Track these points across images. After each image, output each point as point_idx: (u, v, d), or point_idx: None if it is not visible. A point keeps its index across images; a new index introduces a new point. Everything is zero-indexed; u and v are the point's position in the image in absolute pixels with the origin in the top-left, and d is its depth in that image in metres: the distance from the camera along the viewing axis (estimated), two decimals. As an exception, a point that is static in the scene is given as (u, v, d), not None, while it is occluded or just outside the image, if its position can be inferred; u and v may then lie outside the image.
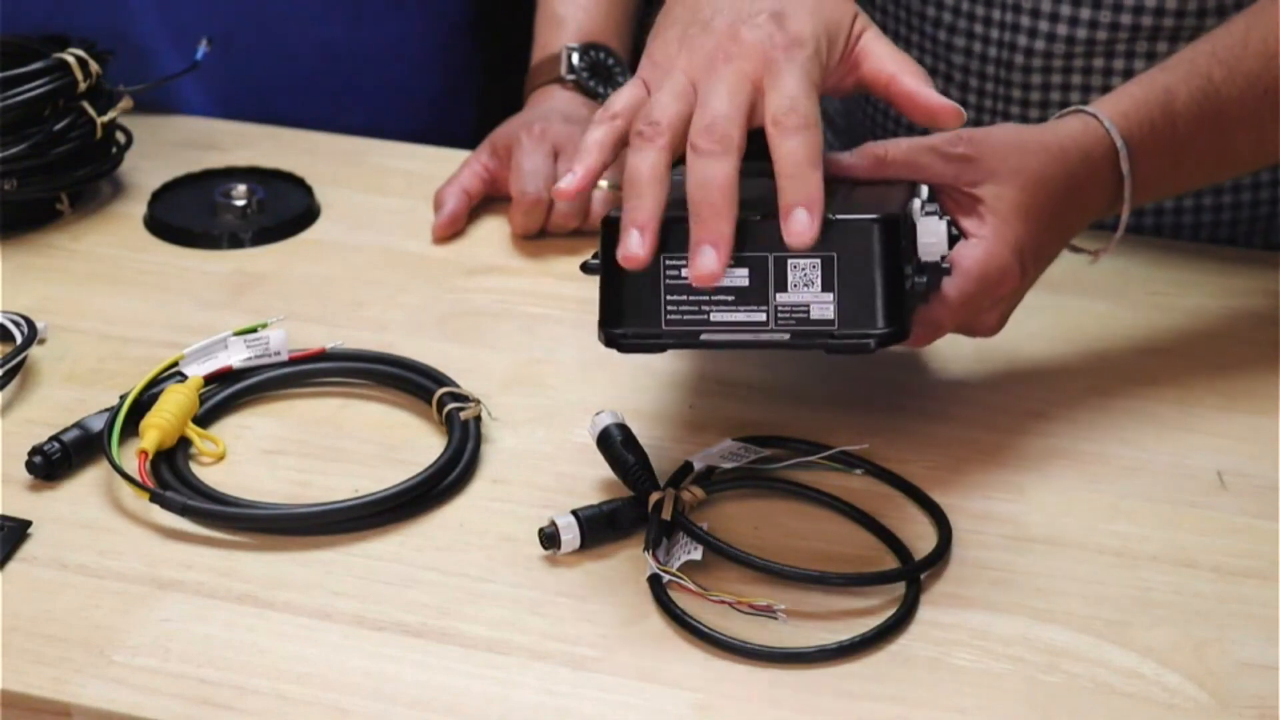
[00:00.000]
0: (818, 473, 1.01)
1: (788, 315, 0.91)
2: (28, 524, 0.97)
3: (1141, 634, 0.90)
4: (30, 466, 1.00)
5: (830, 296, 0.91)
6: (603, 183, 1.26)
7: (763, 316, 0.91)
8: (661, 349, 0.93)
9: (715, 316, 0.91)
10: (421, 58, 1.56)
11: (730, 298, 0.91)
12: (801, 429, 1.04)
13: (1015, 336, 1.13)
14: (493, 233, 1.29)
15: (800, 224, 0.88)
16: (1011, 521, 0.98)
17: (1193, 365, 1.12)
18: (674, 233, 0.91)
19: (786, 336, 0.91)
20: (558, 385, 1.10)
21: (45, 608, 0.91)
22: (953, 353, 1.12)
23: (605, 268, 0.93)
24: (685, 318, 0.92)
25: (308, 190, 1.33)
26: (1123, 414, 1.07)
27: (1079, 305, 1.18)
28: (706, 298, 0.91)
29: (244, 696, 0.86)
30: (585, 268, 0.96)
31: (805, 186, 0.89)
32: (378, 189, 1.34)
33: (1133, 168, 1.03)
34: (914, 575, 0.93)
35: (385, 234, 1.28)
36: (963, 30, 1.27)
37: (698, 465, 0.99)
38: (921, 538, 0.96)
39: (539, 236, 1.26)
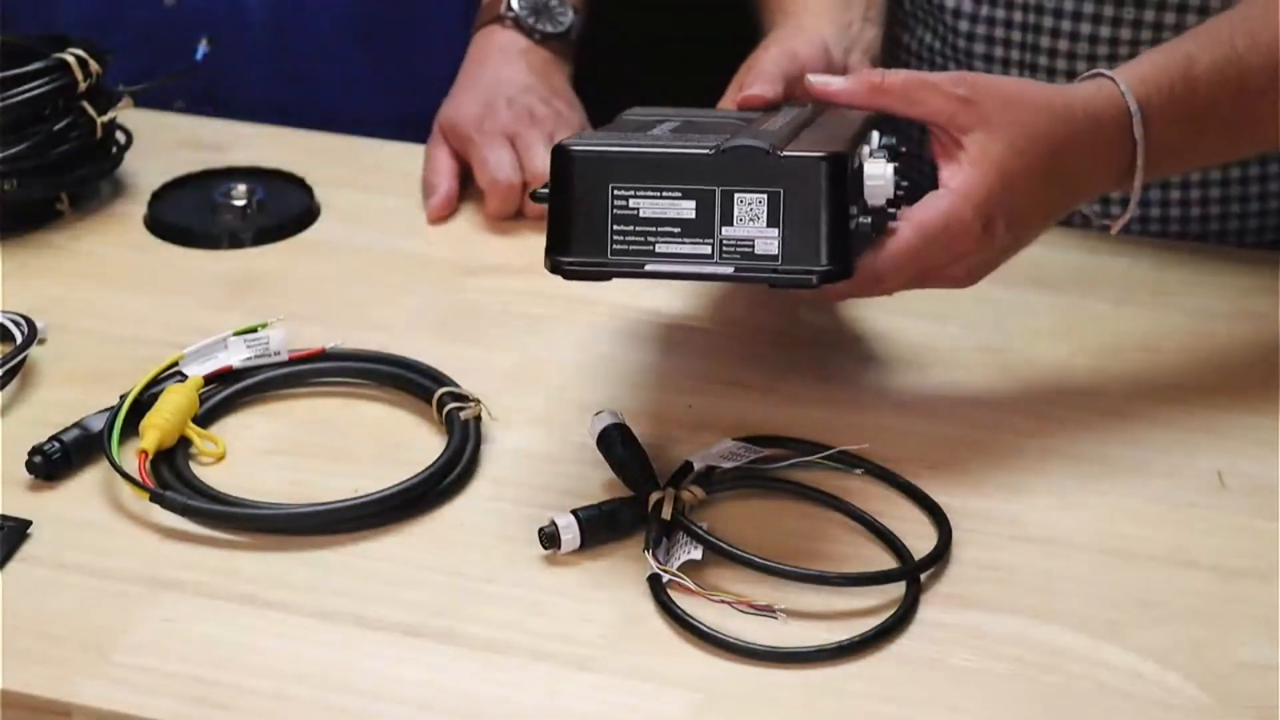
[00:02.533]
0: (818, 473, 1.01)
1: (733, 249, 0.91)
2: (28, 524, 0.96)
3: (1141, 634, 0.90)
4: (30, 466, 1.00)
5: (775, 232, 0.91)
6: None
7: (708, 249, 0.91)
8: (606, 277, 0.93)
9: (660, 248, 0.91)
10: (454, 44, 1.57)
11: (676, 230, 0.91)
12: (801, 429, 1.04)
13: (1015, 336, 1.13)
14: (493, 233, 1.29)
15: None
16: (1011, 521, 0.98)
17: (1193, 365, 1.12)
18: (623, 163, 0.91)
19: (730, 270, 0.91)
20: (558, 385, 1.10)
21: (45, 608, 0.91)
22: (953, 352, 1.12)
23: (554, 196, 0.93)
24: (631, 248, 0.92)
25: (308, 190, 1.33)
26: (1123, 414, 1.07)
27: (1079, 305, 1.18)
28: (653, 229, 0.91)
29: (244, 696, 0.86)
30: (535, 196, 0.97)
31: None
32: (378, 189, 1.34)
33: (1147, 134, 1.00)
34: (914, 575, 0.93)
35: (385, 234, 1.28)
36: (984, 20, 1.27)
37: (698, 465, 0.99)
38: (921, 538, 0.96)
39: (526, 229, 1.27)
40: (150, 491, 0.96)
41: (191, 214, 1.29)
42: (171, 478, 0.99)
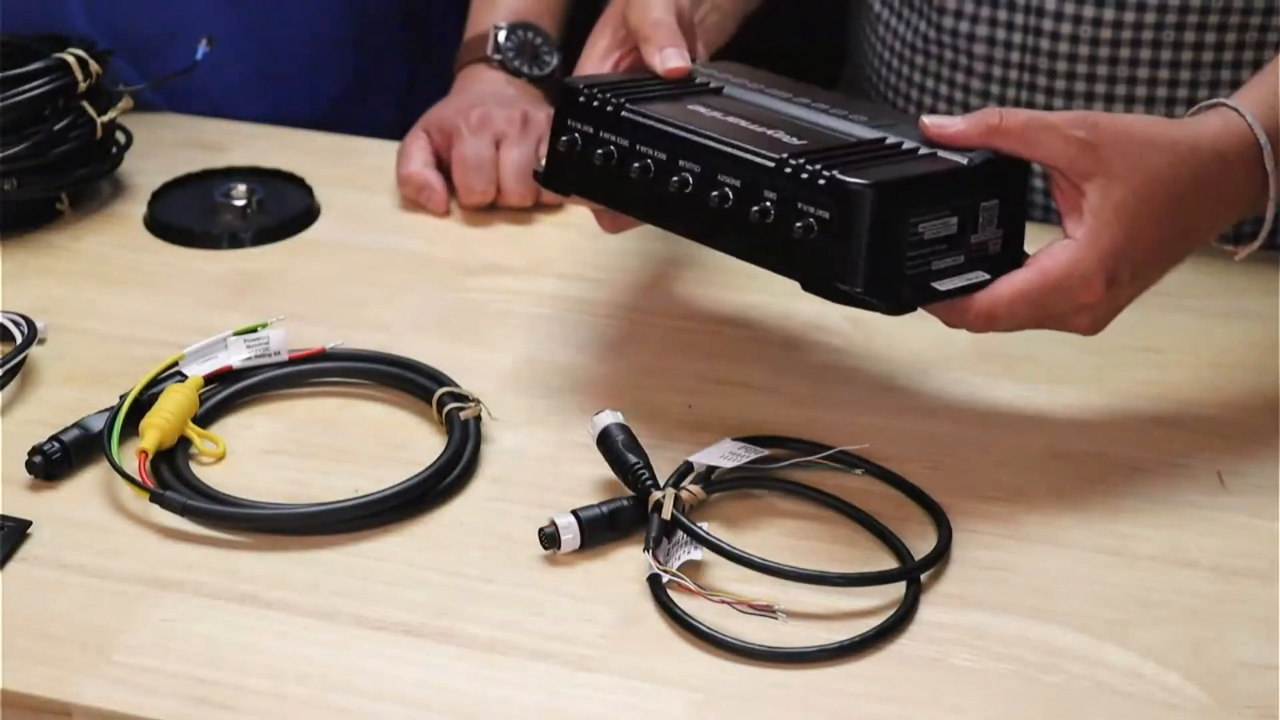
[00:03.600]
0: (818, 473, 1.01)
1: (977, 255, 0.95)
2: (28, 524, 0.96)
3: (1141, 634, 0.90)
4: (30, 466, 1.00)
5: (1000, 232, 0.96)
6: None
7: (962, 259, 0.95)
8: (911, 309, 0.94)
9: (935, 265, 0.94)
10: (340, 41, 1.57)
11: (945, 246, 0.94)
12: (801, 429, 1.04)
13: (1015, 336, 1.12)
14: (493, 233, 1.29)
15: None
16: (1011, 521, 0.98)
17: (1193, 365, 1.12)
18: (915, 190, 0.93)
19: (988, 275, 0.95)
20: (558, 385, 1.10)
21: (45, 608, 0.91)
22: (953, 353, 1.12)
23: (843, 228, 0.91)
24: (919, 271, 0.94)
25: (308, 190, 1.33)
26: (1123, 414, 1.07)
27: (1079, 305, 1.18)
28: (930, 249, 0.93)
29: (244, 696, 0.86)
30: (539, 177, 1.01)
31: None
32: (378, 189, 1.34)
33: (1278, 163, 0.97)
34: (914, 575, 0.93)
35: (385, 234, 1.28)
36: (985, 19, 1.27)
37: (698, 465, 0.99)
38: (921, 537, 0.96)
39: (527, 229, 1.27)
40: (150, 491, 0.96)
41: (191, 214, 1.29)
42: (171, 478, 0.99)
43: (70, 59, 1.25)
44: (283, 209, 1.30)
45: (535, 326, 1.16)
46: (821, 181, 0.91)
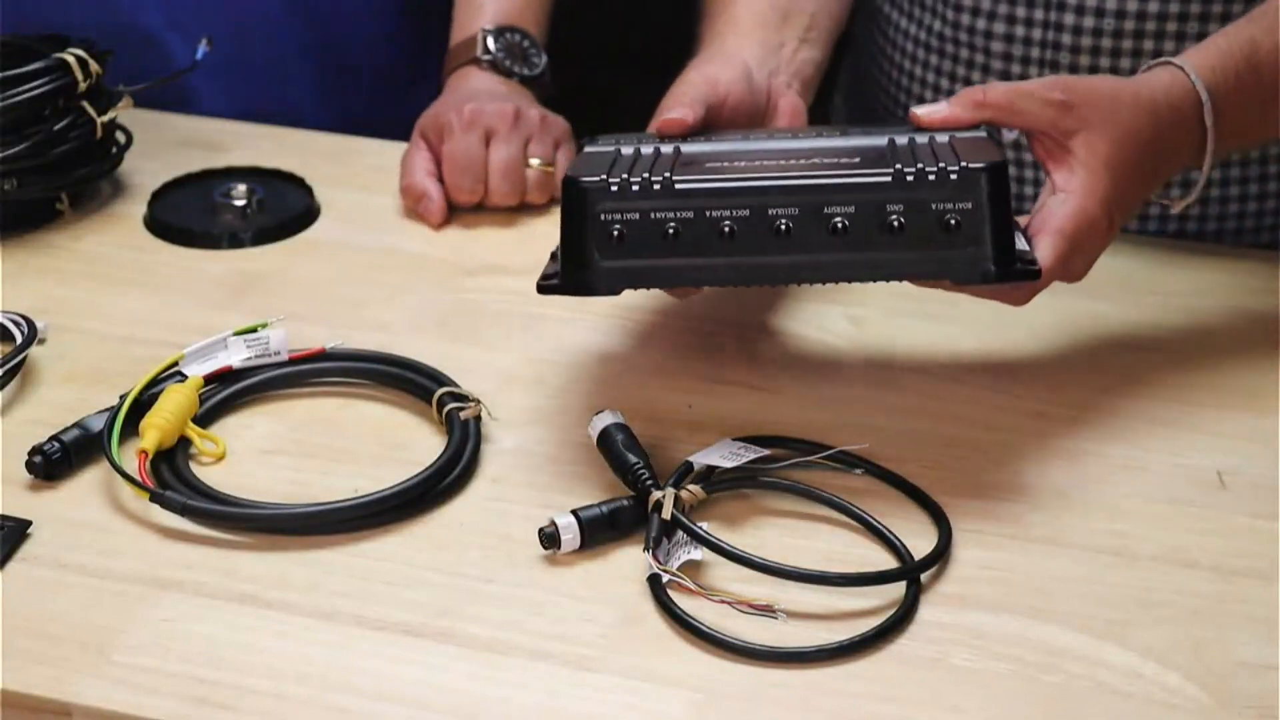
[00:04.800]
0: (818, 473, 1.01)
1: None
2: (28, 524, 0.97)
3: (1141, 634, 0.90)
4: (30, 466, 1.00)
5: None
6: (534, 161, 1.29)
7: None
8: (1038, 275, 0.98)
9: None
10: (375, 37, 1.57)
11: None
12: (801, 429, 1.04)
13: (1015, 336, 1.13)
14: (493, 233, 1.29)
15: None
16: (1011, 521, 0.98)
17: (1193, 365, 1.12)
18: (1006, 167, 0.96)
19: (1027, 244, 1.00)
20: (558, 385, 1.10)
21: (45, 608, 0.91)
22: (953, 352, 1.12)
23: (995, 207, 0.94)
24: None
25: (308, 190, 1.33)
26: (1123, 414, 1.07)
27: (1079, 305, 1.18)
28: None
29: (244, 696, 0.86)
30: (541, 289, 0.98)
31: None
32: (378, 189, 1.34)
33: (1216, 120, 1.05)
34: (914, 575, 0.93)
35: (385, 234, 1.28)
36: (1003, 16, 1.27)
37: (698, 465, 0.99)
38: (921, 537, 0.96)
39: (526, 229, 1.27)
40: (150, 491, 0.96)
41: (191, 214, 1.29)
42: (171, 478, 0.99)
43: (70, 59, 1.25)
44: (283, 209, 1.30)
45: (535, 326, 1.16)
46: (953, 176, 0.94)
